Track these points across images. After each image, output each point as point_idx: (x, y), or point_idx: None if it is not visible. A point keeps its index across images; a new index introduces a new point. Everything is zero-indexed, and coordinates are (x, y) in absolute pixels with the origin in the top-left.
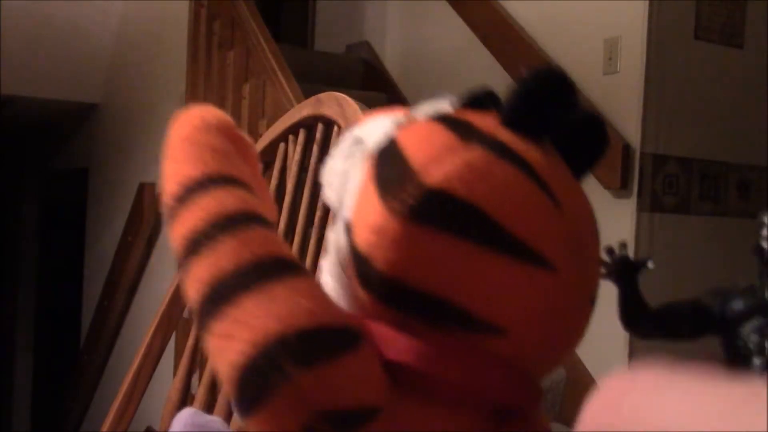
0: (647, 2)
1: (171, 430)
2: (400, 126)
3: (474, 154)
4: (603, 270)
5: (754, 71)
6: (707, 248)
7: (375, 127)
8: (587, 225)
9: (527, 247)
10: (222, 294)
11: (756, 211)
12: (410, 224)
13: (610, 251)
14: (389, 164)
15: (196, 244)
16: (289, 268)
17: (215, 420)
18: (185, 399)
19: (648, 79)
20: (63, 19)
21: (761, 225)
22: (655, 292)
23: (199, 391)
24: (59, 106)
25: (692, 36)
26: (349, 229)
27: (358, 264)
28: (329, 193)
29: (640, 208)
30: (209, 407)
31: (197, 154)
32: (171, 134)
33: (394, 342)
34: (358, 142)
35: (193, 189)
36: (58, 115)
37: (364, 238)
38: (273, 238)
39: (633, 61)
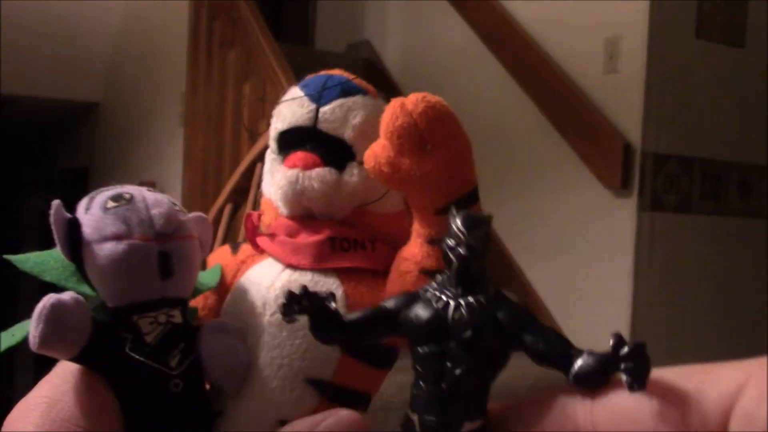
0: (648, 1)
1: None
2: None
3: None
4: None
5: (756, 70)
6: (708, 248)
7: None
8: None
9: None
10: None
11: (757, 211)
12: None
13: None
14: None
15: None
16: None
17: None
18: None
19: (649, 79)
20: (63, 18)
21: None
22: (655, 291)
23: None
24: (60, 105)
25: (693, 35)
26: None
27: None
28: None
29: (641, 208)
30: None
31: None
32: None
33: None
34: None
35: None
36: (58, 114)
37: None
38: None
39: (634, 61)
